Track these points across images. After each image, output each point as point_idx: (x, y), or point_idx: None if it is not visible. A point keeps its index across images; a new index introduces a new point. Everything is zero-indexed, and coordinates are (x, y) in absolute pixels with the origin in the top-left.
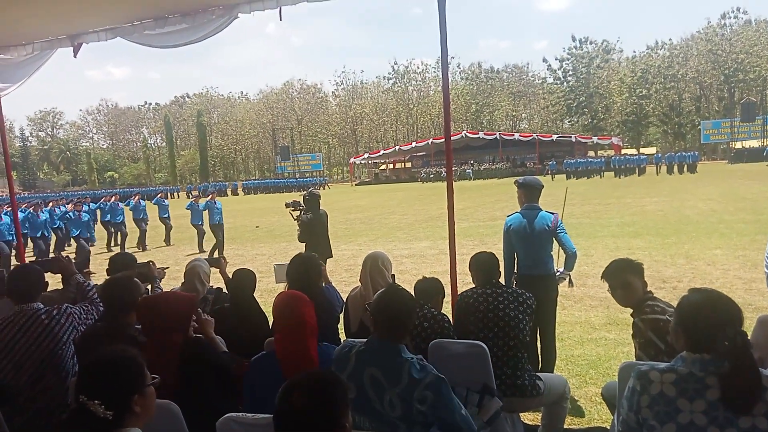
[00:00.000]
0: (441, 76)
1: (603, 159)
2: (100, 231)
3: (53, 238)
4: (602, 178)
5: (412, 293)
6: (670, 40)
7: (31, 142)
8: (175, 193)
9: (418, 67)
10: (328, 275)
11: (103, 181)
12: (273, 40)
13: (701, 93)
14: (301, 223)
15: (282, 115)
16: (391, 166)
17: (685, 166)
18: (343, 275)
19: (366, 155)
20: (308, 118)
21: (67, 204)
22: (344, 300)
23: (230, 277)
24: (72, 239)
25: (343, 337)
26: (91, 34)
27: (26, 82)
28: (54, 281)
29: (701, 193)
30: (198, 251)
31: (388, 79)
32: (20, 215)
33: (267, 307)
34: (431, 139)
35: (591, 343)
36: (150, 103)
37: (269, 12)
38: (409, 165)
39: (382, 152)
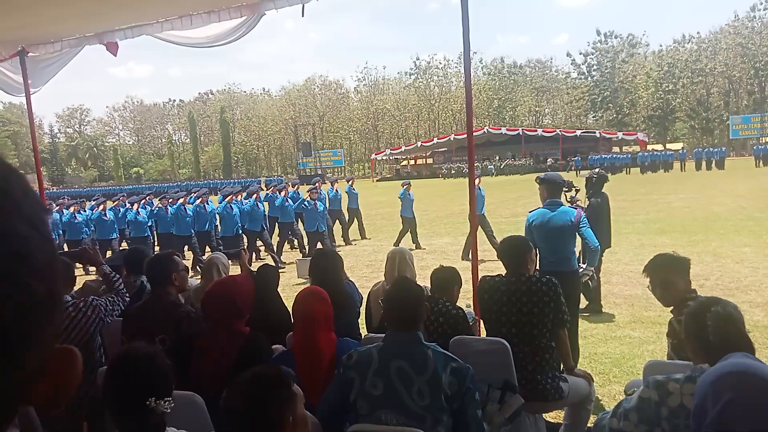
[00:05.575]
0: (463, 72)
1: (629, 155)
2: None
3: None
4: (628, 175)
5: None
6: (698, 33)
7: (59, 139)
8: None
9: (440, 63)
10: (345, 271)
11: (129, 177)
12: (294, 36)
13: (730, 87)
14: (590, 206)
15: (304, 111)
16: (412, 162)
17: (713, 162)
18: (364, 271)
19: (387, 151)
20: (330, 114)
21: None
22: (362, 295)
23: (252, 271)
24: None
25: (364, 332)
26: (117, 32)
27: (54, 79)
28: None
29: (730, 189)
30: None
31: (409, 75)
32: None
33: None
34: (453, 135)
35: (615, 341)
36: (174, 100)
37: (288, 9)
38: (430, 161)
39: (403, 148)
